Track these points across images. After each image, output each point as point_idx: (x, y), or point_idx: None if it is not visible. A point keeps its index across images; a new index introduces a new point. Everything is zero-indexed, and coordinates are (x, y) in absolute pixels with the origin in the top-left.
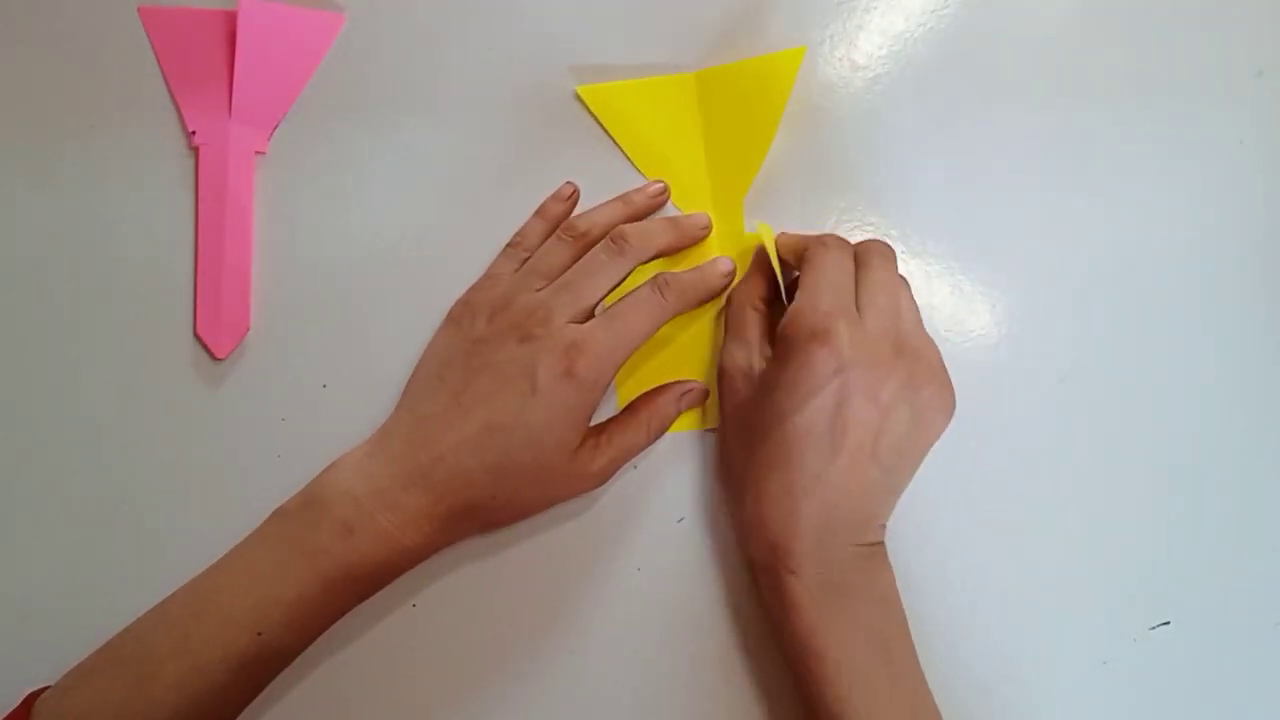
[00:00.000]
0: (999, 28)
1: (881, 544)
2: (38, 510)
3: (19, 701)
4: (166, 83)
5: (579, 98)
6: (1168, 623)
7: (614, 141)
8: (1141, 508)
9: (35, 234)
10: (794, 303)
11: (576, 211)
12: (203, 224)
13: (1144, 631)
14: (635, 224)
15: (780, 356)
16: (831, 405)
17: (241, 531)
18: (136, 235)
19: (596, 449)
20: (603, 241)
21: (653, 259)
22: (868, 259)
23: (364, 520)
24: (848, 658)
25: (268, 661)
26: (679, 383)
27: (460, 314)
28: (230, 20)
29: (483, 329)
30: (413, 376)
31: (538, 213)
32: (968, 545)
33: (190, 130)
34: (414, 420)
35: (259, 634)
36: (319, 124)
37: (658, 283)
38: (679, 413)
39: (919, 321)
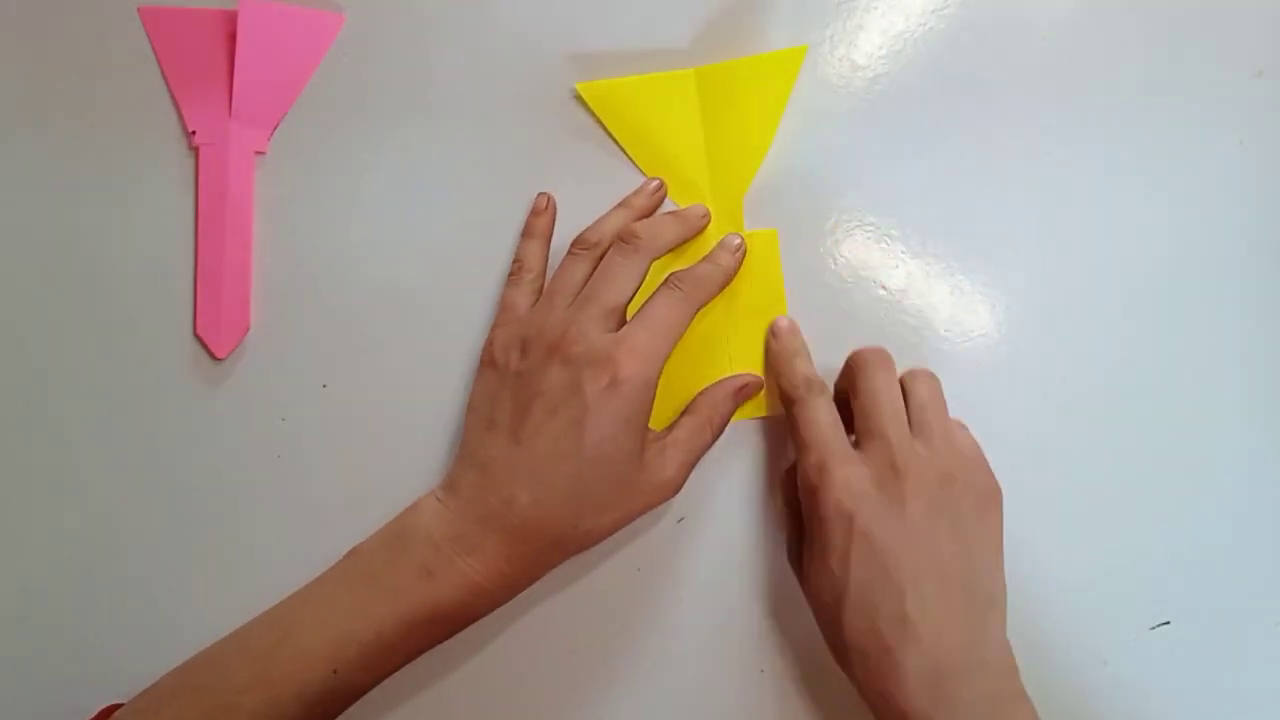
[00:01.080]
0: (999, 28)
1: (1010, 684)
2: (37, 510)
3: (96, 713)
4: (166, 83)
5: (578, 95)
6: (1168, 623)
7: (613, 139)
8: (1142, 508)
9: (35, 234)
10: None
11: (576, 221)
12: (203, 224)
13: (1144, 631)
14: (641, 221)
15: (807, 518)
16: (868, 550)
17: (241, 532)
18: (136, 235)
19: (664, 455)
20: (613, 246)
21: (664, 254)
22: (911, 384)
23: (444, 564)
24: None
25: (339, 698)
26: (733, 377)
27: (492, 354)
28: (230, 20)
29: (519, 362)
30: (465, 428)
31: (526, 233)
32: None
33: (190, 130)
34: (477, 468)
35: (334, 671)
36: (319, 124)
37: (672, 281)
38: (738, 405)
39: (951, 431)
